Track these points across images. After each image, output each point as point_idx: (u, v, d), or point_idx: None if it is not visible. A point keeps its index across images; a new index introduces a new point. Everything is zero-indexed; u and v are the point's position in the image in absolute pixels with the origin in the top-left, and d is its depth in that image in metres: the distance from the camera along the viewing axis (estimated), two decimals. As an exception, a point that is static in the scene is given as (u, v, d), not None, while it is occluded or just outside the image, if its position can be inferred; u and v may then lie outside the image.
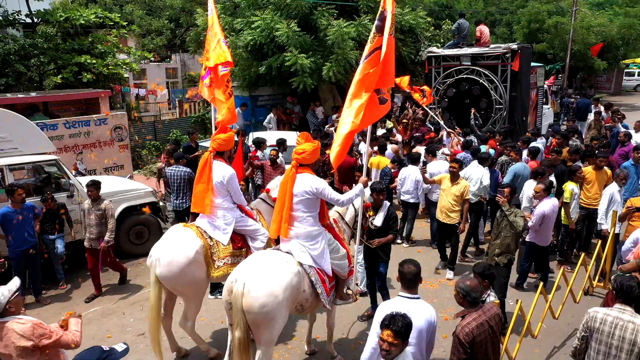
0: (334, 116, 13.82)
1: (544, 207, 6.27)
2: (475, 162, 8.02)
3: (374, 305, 6.38)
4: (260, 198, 5.93)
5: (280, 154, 9.21)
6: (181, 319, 5.30)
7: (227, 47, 6.35)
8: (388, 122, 13.34)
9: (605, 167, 7.78)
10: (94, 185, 6.93)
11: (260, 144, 9.56)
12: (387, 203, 5.91)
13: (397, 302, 3.78)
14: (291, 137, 11.35)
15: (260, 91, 15.73)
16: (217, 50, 6.15)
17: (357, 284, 5.89)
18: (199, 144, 11.17)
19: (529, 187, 7.20)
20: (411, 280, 3.83)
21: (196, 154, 9.75)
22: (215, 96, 6.15)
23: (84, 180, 8.02)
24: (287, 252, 4.60)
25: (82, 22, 14.95)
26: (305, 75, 13.00)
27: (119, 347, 3.02)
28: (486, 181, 7.67)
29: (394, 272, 4.34)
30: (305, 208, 4.62)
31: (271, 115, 14.72)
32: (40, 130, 7.63)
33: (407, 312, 3.38)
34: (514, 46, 12.51)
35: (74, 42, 15.00)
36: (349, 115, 4.87)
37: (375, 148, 9.52)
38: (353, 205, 5.47)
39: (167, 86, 30.94)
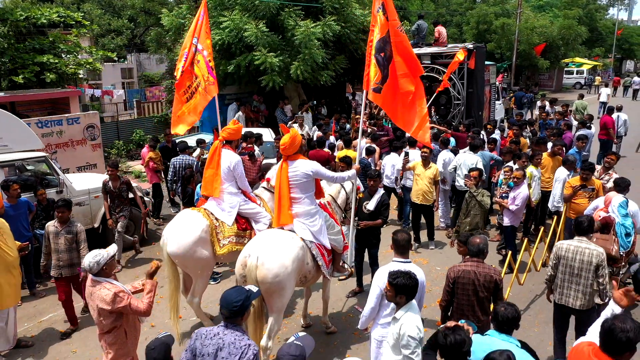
0: (299, 112, 14.42)
1: (525, 191, 7.06)
2: (466, 150, 8.77)
3: (360, 283, 6.98)
4: (263, 187, 6.39)
5: (256, 148, 9.70)
6: (189, 295, 5.73)
7: (185, 59, 6.94)
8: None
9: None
10: (65, 206, 6.07)
11: (257, 139, 9.95)
12: (381, 190, 6.52)
13: (392, 266, 4.34)
14: (265, 133, 11.95)
15: (227, 90, 16.01)
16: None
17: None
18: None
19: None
20: (403, 246, 4.41)
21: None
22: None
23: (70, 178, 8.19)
24: (290, 230, 5.11)
25: (44, 21, 14.77)
26: (274, 74, 13.44)
27: (254, 288, 3.44)
28: (481, 166, 8.22)
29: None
30: (302, 190, 5.15)
31: (240, 113, 15.07)
32: (29, 128, 7.77)
33: None
34: (470, 46, 13.46)
35: (33, 41, 14.80)
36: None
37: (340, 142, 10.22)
38: (345, 189, 6.04)
39: (123, 86, 30.53)
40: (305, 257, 5.01)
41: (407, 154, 8.55)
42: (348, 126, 13.39)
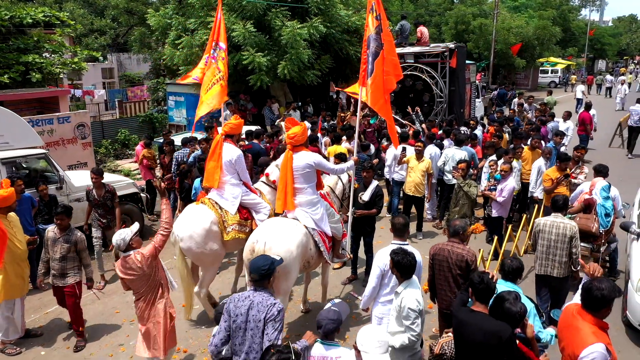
0: (286, 112, 14.75)
1: (512, 183, 7.52)
2: (452, 145, 9.26)
3: (354, 270, 7.34)
4: (262, 181, 6.70)
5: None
6: (196, 287, 6.00)
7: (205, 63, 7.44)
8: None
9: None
10: (65, 212, 5.71)
11: (259, 135, 10.23)
12: (375, 182, 6.89)
13: (391, 248, 4.70)
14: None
15: (214, 89, 16.20)
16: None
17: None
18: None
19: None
20: (401, 229, 4.78)
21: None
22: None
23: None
24: (294, 219, 5.43)
25: (29, 20, 14.76)
26: (262, 73, 13.71)
27: (277, 257, 3.87)
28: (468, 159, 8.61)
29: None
30: (304, 181, 5.48)
31: (227, 112, 15.26)
32: (29, 126, 7.92)
33: None
34: (452, 45, 13.95)
35: (17, 40, 14.78)
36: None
37: (326, 139, 10.57)
38: (342, 181, 6.40)
39: (103, 86, 30.35)
40: (309, 244, 5.35)
41: (404, 148, 8.94)
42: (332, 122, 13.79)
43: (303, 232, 5.26)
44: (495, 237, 6.93)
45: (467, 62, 15.94)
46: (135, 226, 4.70)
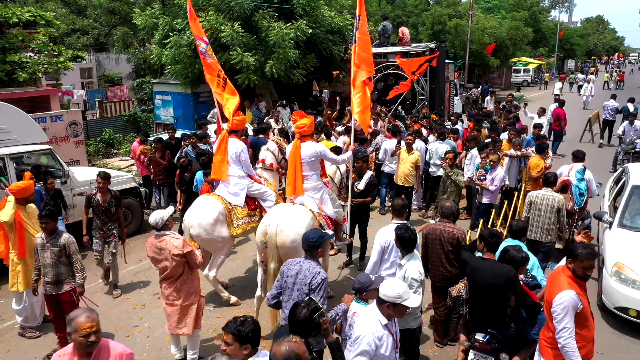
0: (273, 109, 15.18)
1: (501, 172, 8.14)
2: (436, 139, 9.83)
3: (350, 255, 7.84)
4: (261, 168, 7.12)
5: None
6: (206, 269, 6.41)
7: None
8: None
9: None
10: (49, 216, 5.40)
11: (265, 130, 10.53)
12: (370, 172, 7.40)
13: (391, 227, 5.17)
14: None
15: (201, 88, 16.51)
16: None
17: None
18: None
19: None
20: (400, 210, 5.29)
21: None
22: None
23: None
24: (301, 204, 5.90)
25: (15, 20, 14.82)
26: (250, 72, 14.10)
27: (329, 232, 4.44)
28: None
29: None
30: (310, 169, 5.96)
31: (215, 110, 15.60)
32: (34, 122, 8.17)
33: None
34: (432, 45, 14.61)
35: (2, 40, 14.82)
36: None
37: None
38: (340, 171, 6.89)
39: (82, 86, 30.14)
40: (315, 226, 5.79)
41: (399, 141, 9.45)
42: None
43: (310, 216, 5.72)
44: (482, 220, 7.51)
45: (447, 61, 16.61)
46: (171, 209, 5.11)
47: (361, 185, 7.22)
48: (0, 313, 6.80)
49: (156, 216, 4.87)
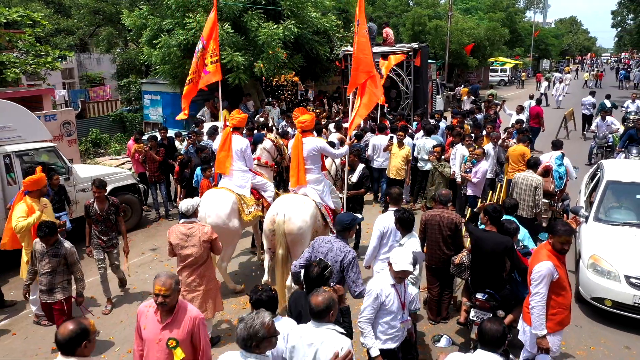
0: (262, 108, 15.57)
1: (485, 166, 8.64)
2: (423, 135, 10.27)
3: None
4: (256, 164, 7.48)
5: None
6: (218, 260, 6.74)
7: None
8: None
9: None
10: (50, 233, 5.25)
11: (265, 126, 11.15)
12: (362, 165, 7.84)
13: (389, 214, 5.61)
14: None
15: (190, 87, 16.74)
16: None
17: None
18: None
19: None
20: (396, 198, 5.73)
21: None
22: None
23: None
24: (304, 194, 6.31)
25: (4, 20, 14.85)
26: (240, 72, 14.43)
27: (359, 216, 4.78)
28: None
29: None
30: (312, 162, 6.38)
31: (205, 108, 15.95)
32: (38, 120, 8.37)
33: None
34: (416, 45, 15.13)
35: (-10, 40, 14.88)
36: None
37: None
38: (335, 164, 7.33)
39: (63, 87, 29.94)
40: (318, 215, 6.23)
41: (391, 137, 9.88)
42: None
43: (313, 205, 6.15)
44: (469, 209, 8.01)
45: (430, 61, 17.19)
46: (197, 198, 5.47)
47: (354, 178, 7.66)
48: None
49: (187, 204, 5.19)
